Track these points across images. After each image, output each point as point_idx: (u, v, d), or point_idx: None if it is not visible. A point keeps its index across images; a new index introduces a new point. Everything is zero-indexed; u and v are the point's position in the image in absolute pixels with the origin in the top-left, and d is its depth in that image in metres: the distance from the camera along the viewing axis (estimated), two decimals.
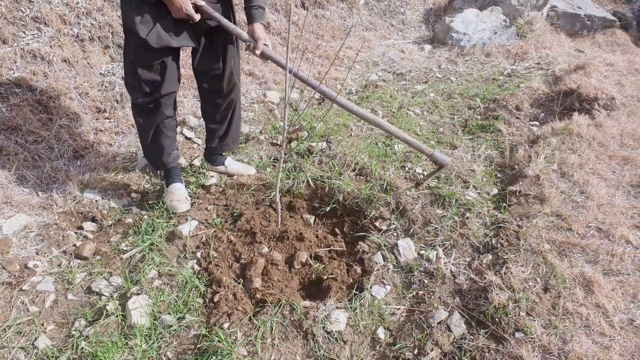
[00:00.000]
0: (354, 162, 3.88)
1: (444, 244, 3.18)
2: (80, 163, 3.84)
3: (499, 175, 3.97)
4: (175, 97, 3.25)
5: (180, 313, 2.72)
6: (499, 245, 3.12)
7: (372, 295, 2.83)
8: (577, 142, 4.16)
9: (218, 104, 3.46)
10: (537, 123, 4.88)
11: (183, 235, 3.18)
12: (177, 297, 2.82)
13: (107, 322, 2.63)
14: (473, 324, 2.67)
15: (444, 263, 3.05)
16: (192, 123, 4.51)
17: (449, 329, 2.63)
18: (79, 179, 3.64)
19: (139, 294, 2.77)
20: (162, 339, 2.58)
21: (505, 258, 2.98)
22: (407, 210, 3.42)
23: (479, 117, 4.93)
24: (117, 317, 2.66)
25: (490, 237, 3.24)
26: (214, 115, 3.53)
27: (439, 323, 2.65)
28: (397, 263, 3.08)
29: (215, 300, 2.77)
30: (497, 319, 2.62)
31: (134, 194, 3.62)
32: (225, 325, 2.61)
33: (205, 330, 2.60)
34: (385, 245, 3.19)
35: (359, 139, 4.28)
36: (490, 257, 3.05)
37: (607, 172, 3.87)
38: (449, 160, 3.46)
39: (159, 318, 2.68)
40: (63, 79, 4.06)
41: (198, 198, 3.56)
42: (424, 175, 3.68)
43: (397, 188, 3.60)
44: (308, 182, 3.76)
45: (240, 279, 2.96)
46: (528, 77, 5.90)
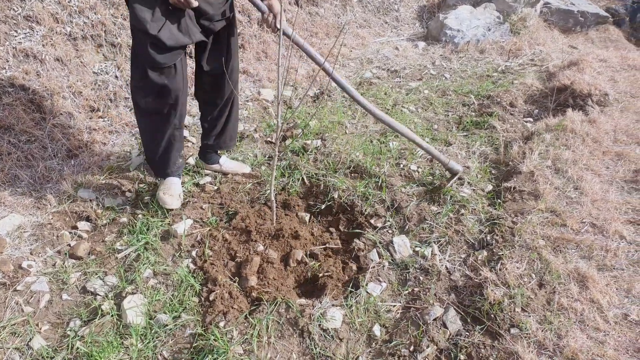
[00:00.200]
0: (349, 159, 3.88)
1: (439, 241, 3.19)
2: (74, 162, 3.82)
3: (494, 172, 3.98)
4: (185, 103, 3.22)
5: (176, 312, 2.71)
6: (494, 242, 3.13)
7: (367, 293, 2.83)
8: (571, 138, 4.17)
9: (217, 102, 3.44)
10: (531, 119, 4.89)
11: (178, 234, 3.18)
12: (172, 296, 2.81)
13: (102, 321, 2.62)
14: (469, 320, 2.68)
15: (439, 260, 3.05)
16: (186, 121, 4.49)
17: (445, 326, 2.64)
18: (73, 179, 3.63)
19: (134, 294, 2.76)
20: (157, 338, 2.58)
21: (500, 254, 2.99)
22: (402, 207, 3.43)
23: (473, 113, 4.93)
24: (112, 316, 2.65)
25: (485, 233, 3.24)
26: (212, 113, 3.51)
27: (435, 320, 2.65)
28: (392, 260, 3.08)
29: (211, 299, 2.76)
30: (492, 315, 2.63)
31: (129, 193, 3.60)
32: (221, 324, 2.61)
33: (201, 329, 2.60)
34: (381, 243, 3.19)
35: (354, 137, 4.28)
36: (485, 253, 3.06)
37: (600, 167, 3.88)
38: (462, 169, 3.63)
39: (155, 317, 2.67)
40: (56, 78, 4.04)
41: (193, 197, 3.55)
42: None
43: (392, 185, 3.61)
44: (303, 180, 3.76)
45: (236, 278, 2.96)
46: (522, 73, 5.91)
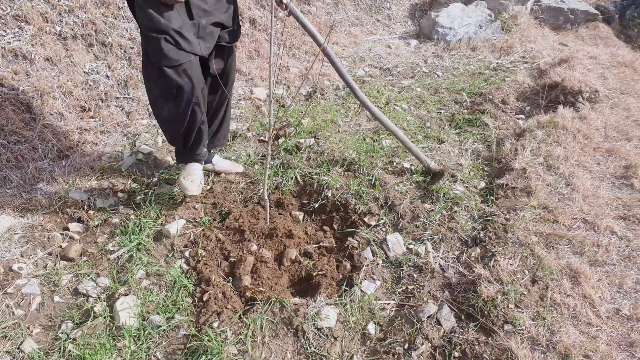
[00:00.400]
0: (342, 157, 3.88)
1: (433, 238, 3.19)
2: (65, 163, 3.80)
3: (486, 169, 3.98)
4: (206, 97, 3.22)
5: (169, 313, 2.71)
6: (487, 239, 3.13)
7: (362, 291, 2.83)
8: (562, 134, 4.18)
9: (212, 101, 3.42)
10: (522, 116, 4.90)
11: (171, 235, 3.16)
12: (165, 297, 2.80)
13: (94, 323, 2.61)
14: (462, 317, 2.68)
15: (433, 257, 3.05)
16: None
17: (439, 323, 2.64)
18: (64, 179, 3.61)
19: (127, 295, 2.76)
20: (151, 340, 2.57)
21: (494, 251, 2.99)
22: (395, 205, 3.43)
23: (466, 111, 4.94)
24: (105, 318, 2.64)
25: (478, 230, 3.25)
26: (208, 113, 3.49)
27: (429, 317, 2.65)
28: (386, 258, 3.08)
29: (205, 299, 2.76)
30: (486, 312, 2.63)
31: (121, 194, 3.59)
32: (215, 324, 2.60)
33: (195, 330, 2.59)
34: (375, 241, 3.19)
35: (347, 135, 4.28)
36: (479, 250, 3.07)
37: (591, 164, 3.89)
38: (438, 168, 3.66)
39: (148, 318, 2.66)
40: (46, 78, 4.01)
41: (185, 196, 3.53)
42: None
43: (385, 183, 3.61)
44: (296, 178, 3.75)
45: (230, 278, 2.95)
46: (513, 70, 5.92)
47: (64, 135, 3.94)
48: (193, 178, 3.28)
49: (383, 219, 3.35)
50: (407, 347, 2.53)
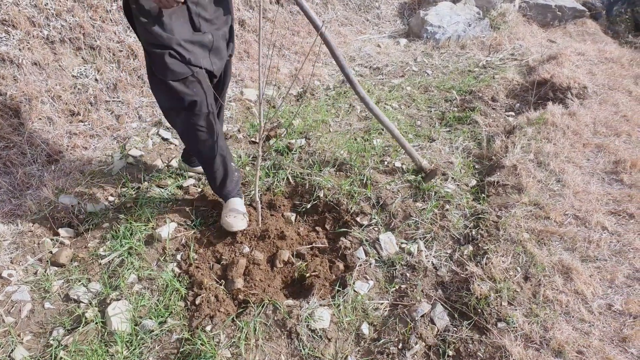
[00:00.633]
0: (334, 157, 3.87)
1: (425, 237, 3.19)
2: (55, 168, 3.78)
3: (477, 167, 3.99)
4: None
5: (162, 317, 2.69)
6: (479, 236, 3.14)
7: (355, 291, 2.83)
8: (552, 131, 4.20)
9: None
10: (512, 113, 4.91)
11: (162, 238, 3.15)
12: (158, 301, 2.79)
13: (86, 329, 2.60)
14: (456, 316, 2.69)
15: (426, 256, 3.06)
16: (168, 124, 4.45)
17: (433, 322, 2.64)
18: (54, 184, 3.58)
19: (119, 300, 2.74)
20: (143, 345, 2.56)
21: (486, 249, 3.00)
22: (387, 205, 3.43)
23: (456, 109, 4.95)
24: (96, 324, 2.63)
25: (470, 228, 3.26)
26: None
27: (423, 316, 2.66)
28: (379, 258, 3.08)
29: (197, 303, 2.75)
30: (479, 310, 2.64)
31: (111, 198, 3.56)
32: (208, 328, 2.59)
33: (188, 334, 2.58)
34: (367, 240, 3.18)
35: (338, 135, 4.27)
36: (471, 248, 3.07)
37: (581, 160, 3.91)
38: (430, 166, 3.66)
39: (140, 323, 2.65)
40: (34, 83, 3.98)
41: (176, 199, 3.51)
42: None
43: (376, 182, 3.60)
44: (288, 179, 3.74)
45: (222, 280, 2.94)
46: (503, 68, 5.93)
47: (53, 140, 3.91)
48: (236, 214, 3.19)
49: (375, 219, 3.35)
50: (401, 346, 2.53)
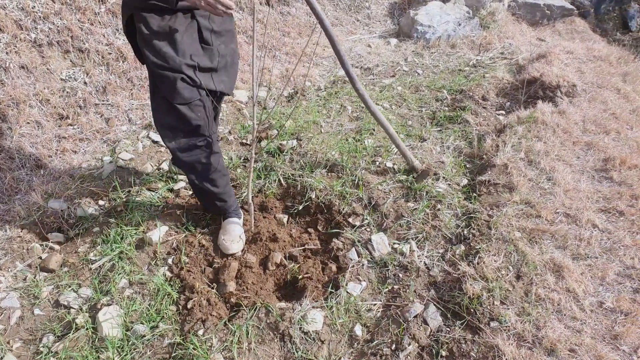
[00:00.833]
0: (325, 158, 3.86)
1: (417, 237, 3.19)
2: (44, 172, 3.75)
3: (468, 166, 3.99)
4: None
5: (153, 322, 2.68)
6: (471, 236, 3.14)
7: (348, 293, 2.82)
8: (542, 129, 4.21)
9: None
10: (503, 112, 4.92)
11: (153, 242, 3.13)
12: (149, 305, 2.77)
13: (77, 336, 2.58)
14: (449, 316, 2.68)
15: (418, 256, 3.05)
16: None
17: (425, 322, 2.64)
18: (43, 189, 3.55)
19: (110, 305, 2.72)
20: (135, 350, 2.54)
21: (478, 248, 3.00)
22: (379, 205, 3.42)
23: (447, 108, 4.95)
24: (87, 330, 2.61)
25: (462, 227, 3.26)
26: None
27: (415, 317, 2.65)
28: (371, 258, 3.08)
29: (189, 307, 2.73)
30: (472, 310, 2.64)
31: (101, 202, 3.54)
32: (200, 332, 2.58)
33: (180, 338, 2.57)
34: (359, 241, 3.18)
35: (329, 135, 4.26)
36: (463, 247, 3.07)
37: (571, 158, 3.92)
38: (422, 167, 3.67)
39: (132, 328, 2.63)
40: (21, 86, 3.95)
41: (167, 203, 3.49)
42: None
43: (368, 183, 3.60)
44: (280, 181, 3.73)
45: (214, 284, 2.92)
46: (493, 67, 5.95)
47: (42, 144, 3.88)
48: (233, 237, 3.15)
49: (367, 219, 3.34)
50: (394, 347, 2.53)
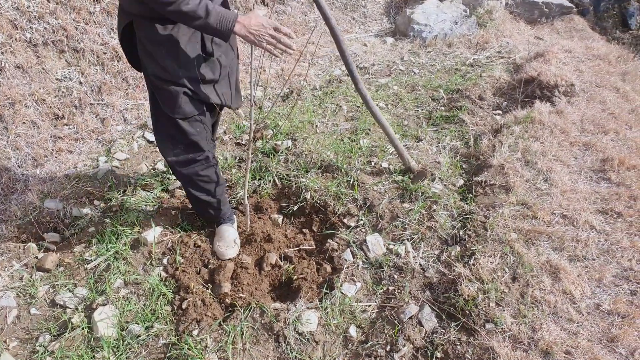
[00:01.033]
0: (320, 159, 3.86)
1: (412, 238, 3.18)
2: (40, 172, 3.75)
3: (464, 166, 3.99)
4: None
5: (148, 322, 2.68)
6: (467, 237, 3.14)
7: (342, 294, 2.82)
8: (539, 129, 4.20)
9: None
10: (500, 112, 4.91)
11: (148, 242, 3.12)
12: (144, 305, 2.77)
13: (72, 335, 2.59)
14: (444, 317, 2.68)
15: (413, 257, 3.05)
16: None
17: (420, 324, 2.64)
18: (39, 189, 3.55)
19: (105, 305, 2.72)
20: (130, 350, 2.54)
21: (473, 249, 2.99)
22: (374, 206, 3.42)
23: (443, 108, 4.94)
24: (83, 329, 2.62)
25: (458, 228, 3.25)
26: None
27: (410, 318, 2.65)
28: (366, 259, 3.07)
29: (184, 307, 2.73)
30: (467, 311, 2.63)
31: (97, 202, 3.54)
32: (195, 332, 2.58)
33: (175, 339, 2.57)
34: (354, 242, 3.17)
35: (325, 135, 4.25)
36: (459, 248, 3.07)
37: (569, 158, 3.92)
38: (418, 167, 3.69)
39: (127, 328, 2.63)
40: (17, 86, 3.94)
41: (162, 203, 3.49)
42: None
43: (363, 183, 3.59)
44: (274, 181, 3.73)
45: (209, 284, 2.92)
46: (490, 66, 5.94)
47: (38, 144, 3.88)
48: (228, 243, 3.15)
49: (362, 220, 3.34)
50: (389, 349, 2.53)
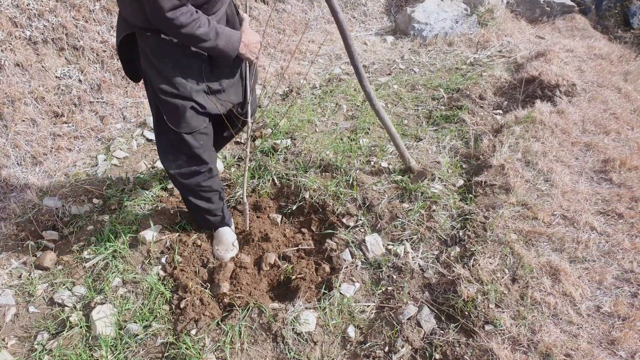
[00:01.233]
0: (319, 158, 3.84)
1: (412, 238, 3.17)
2: (39, 170, 3.74)
3: (464, 166, 3.97)
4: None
5: (146, 321, 2.67)
6: (466, 237, 3.12)
7: (341, 294, 2.81)
8: (540, 129, 4.19)
9: (232, 135, 3.26)
10: (500, 111, 4.89)
11: (147, 241, 3.11)
12: (142, 304, 2.77)
13: (70, 334, 2.58)
14: (443, 319, 2.67)
15: (412, 257, 3.04)
16: (152, 125, 4.42)
17: (419, 325, 2.63)
18: (38, 187, 3.55)
19: (103, 304, 2.72)
20: (128, 349, 2.54)
21: (473, 250, 2.98)
22: (373, 206, 3.41)
23: (443, 107, 4.92)
24: (81, 328, 2.61)
25: (457, 229, 3.24)
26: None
27: (409, 319, 2.64)
28: (365, 259, 3.06)
29: (182, 307, 2.72)
30: (466, 313, 2.63)
31: (96, 200, 3.53)
32: (193, 332, 2.57)
33: (173, 338, 2.56)
34: (353, 242, 3.16)
35: (324, 135, 4.24)
36: (458, 249, 3.06)
37: (570, 159, 3.90)
38: (419, 167, 3.68)
39: (125, 327, 2.63)
40: (17, 84, 3.93)
41: (161, 202, 3.48)
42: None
43: (363, 183, 3.58)
44: (273, 180, 3.72)
45: (208, 284, 2.91)
46: (491, 65, 5.92)
47: (37, 142, 3.87)
48: (226, 246, 3.14)
49: (361, 220, 3.33)
50: (387, 350, 2.52)
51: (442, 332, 2.59)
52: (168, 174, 2.84)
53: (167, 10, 2.05)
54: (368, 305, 2.79)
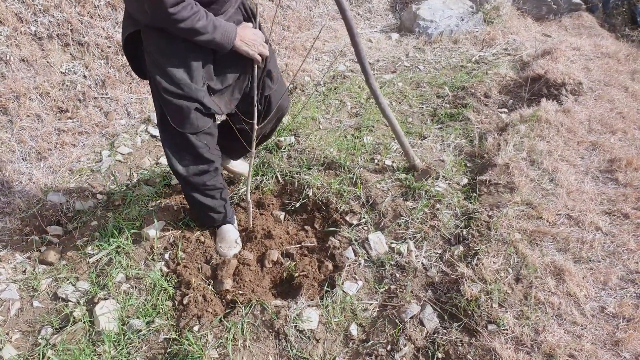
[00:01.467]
0: (323, 156, 3.84)
1: (415, 237, 3.16)
2: (43, 165, 3.75)
3: (469, 165, 3.96)
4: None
5: (149, 317, 2.68)
6: (470, 236, 3.11)
7: (343, 292, 2.80)
8: (545, 128, 4.17)
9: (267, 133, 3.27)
10: (505, 110, 4.87)
11: (150, 237, 3.12)
12: (145, 300, 2.77)
13: (74, 329, 2.60)
14: (446, 318, 2.66)
15: (415, 256, 3.03)
16: (156, 120, 4.43)
17: (422, 324, 2.62)
18: (43, 182, 3.56)
19: (107, 299, 2.73)
20: (131, 345, 2.55)
21: (477, 249, 2.97)
22: (377, 204, 3.40)
23: (448, 105, 4.91)
24: (84, 323, 2.62)
25: (461, 228, 3.23)
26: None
27: (412, 317, 2.63)
28: (368, 257, 3.06)
29: (185, 303, 2.73)
30: (469, 312, 2.62)
31: (100, 195, 3.54)
32: (196, 328, 2.57)
33: (175, 334, 2.57)
34: (356, 240, 3.16)
35: (328, 132, 4.24)
36: (462, 248, 3.04)
37: (575, 158, 3.88)
38: (423, 165, 3.68)
39: (128, 323, 2.64)
40: (22, 80, 3.94)
41: (165, 198, 3.48)
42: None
43: (366, 181, 3.57)
44: (277, 178, 3.71)
45: (211, 280, 2.91)
46: (496, 63, 5.90)
47: (42, 137, 3.89)
48: (229, 244, 3.14)
49: (365, 218, 3.32)
50: (389, 348, 2.52)
51: (444, 331, 2.58)
52: (173, 172, 2.84)
53: (170, 6, 2.05)
54: (371, 304, 2.78)
